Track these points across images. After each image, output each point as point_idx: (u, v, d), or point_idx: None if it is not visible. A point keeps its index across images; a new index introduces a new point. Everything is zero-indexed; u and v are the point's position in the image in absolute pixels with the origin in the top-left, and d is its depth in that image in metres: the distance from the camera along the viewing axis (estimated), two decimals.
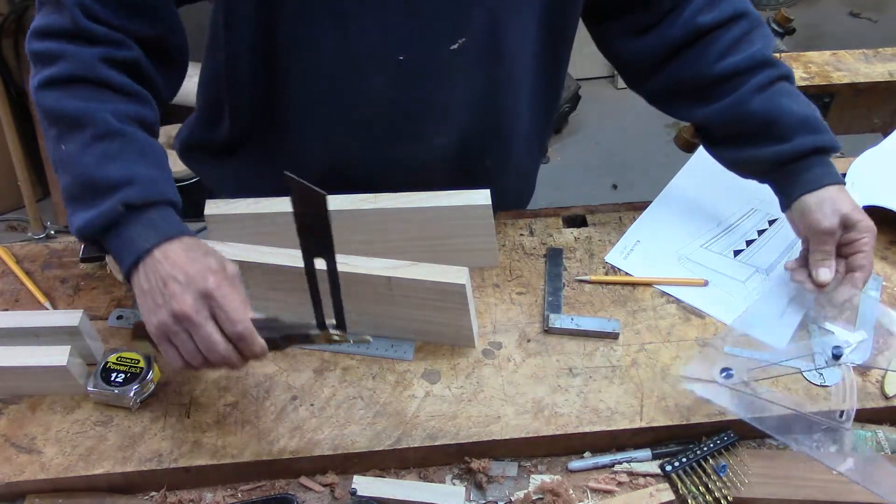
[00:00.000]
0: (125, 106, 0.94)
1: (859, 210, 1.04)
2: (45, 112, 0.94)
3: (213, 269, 0.87)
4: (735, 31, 1.10)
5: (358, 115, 1.10)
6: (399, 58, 1.02)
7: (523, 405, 0.99)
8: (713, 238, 1.19)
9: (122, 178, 0.89)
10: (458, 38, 1.02)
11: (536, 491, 0.94)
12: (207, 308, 0.85)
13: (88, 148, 0.91)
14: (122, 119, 0.93)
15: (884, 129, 1.55)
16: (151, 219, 0.89)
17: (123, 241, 0.89)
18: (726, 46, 1.10)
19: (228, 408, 0.99)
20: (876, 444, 0.98)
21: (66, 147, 0.92)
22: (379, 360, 1.05)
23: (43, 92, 0.94)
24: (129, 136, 0.93)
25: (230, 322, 0.85)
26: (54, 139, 0.93)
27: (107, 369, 0.99)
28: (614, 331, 1.06)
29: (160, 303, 0.86)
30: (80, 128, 0.91)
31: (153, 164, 0.93)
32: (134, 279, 0.89)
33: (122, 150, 0.91)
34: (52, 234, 2.77)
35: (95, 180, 0.90)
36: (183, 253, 0.87)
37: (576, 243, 1.20)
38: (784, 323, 1.08)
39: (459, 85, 1.08)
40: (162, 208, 0.91)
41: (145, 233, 0.88)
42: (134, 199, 0.89)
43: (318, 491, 0.95)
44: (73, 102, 0.92)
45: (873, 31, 3.77)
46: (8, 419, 0.99)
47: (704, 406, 0.99)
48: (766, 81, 1.08)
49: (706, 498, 0.92)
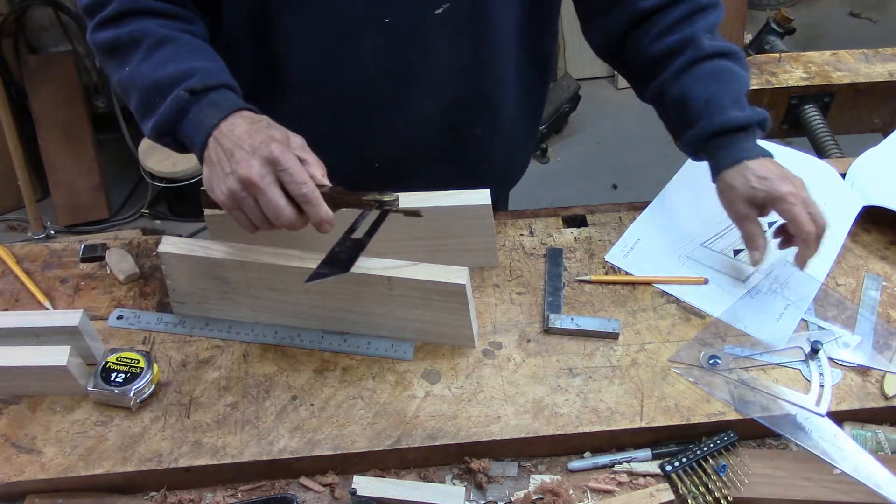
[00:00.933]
0: (173, 23, 1.03)
1: (769, 179, 1.04)
2: (104, 49, 1.03)
3: (276, 139, 0.91)
4: (675, 13, 1.12)
5: (349, 82, 1.12)
6: (385, 20, 1.05)
7: (523, 405, 0.99)
8: (713, 237, 1.19)
9: (182, 73, 0.97)
10: (442, 4, 1.05)
11: (536, 491, 0.94)
12: (272, 174, 0.89)
13: (146, 59, 0.99)
14: (173, 29, 1.02)
15: (884, 129, 1.55)
16: (214, 100, 0.96)
17: (192, 123, 0.96)
18: (664, 28, 1.12)
19: (228, 408, 0.99)
20: (876, 444, 0.98)
21: (128, 67, 1.01)
22: (379, 360, 1.05)
23: (98, 34, 1.03)
24: (180, 39, 1.01)
25: (295, 184, 0.89)
26: (116, 68, 1.02)
27: (107, 369, 0.99)
28: (614, 331, 1.06)
29: (227, 171, 0.90)
30: (135, 46, 1.00)
31: (207, 58, 1.01)
32: (205, 156, 0.95)
33: (176, 52, 1.00)
34: (52, 234, 2.77)
35: (158, 82, 0.97)
36: (248, 125, 0.93)
37: (576, 243, 1.20)
38: (784, 323, 1.08)
39: (445, 52, 1.10)
40: (222, 91, 0.98)
41: (211, 111, 0.95)
42: (195, 85, 0.96)
43: (318, 491, 0.95)
44: (125, 29, 1.01)
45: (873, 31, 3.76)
46: (8, 419, 0.99)
47: (704, 406, 0.99)
48: (685, 65, 1.09)
49: (706, 498, 0.92)
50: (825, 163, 1.26)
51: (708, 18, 1.12)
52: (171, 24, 1.03)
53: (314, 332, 1.07)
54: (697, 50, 1.09)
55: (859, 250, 1.19)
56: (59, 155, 2.81)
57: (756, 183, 1.03)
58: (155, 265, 1.16)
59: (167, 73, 0.97)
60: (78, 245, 1.19)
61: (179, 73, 0.97)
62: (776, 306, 1.10)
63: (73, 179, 2.82)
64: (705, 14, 1.12)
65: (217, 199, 0.93)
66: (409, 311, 1.03)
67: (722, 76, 1.09)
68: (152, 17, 1.02)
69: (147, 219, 2.86)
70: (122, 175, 2.97)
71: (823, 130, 1.49)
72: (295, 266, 0.99)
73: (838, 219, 1.19)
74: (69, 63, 2.83)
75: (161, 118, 0.97)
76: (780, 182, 1.03)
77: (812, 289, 1.11)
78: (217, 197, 0.93)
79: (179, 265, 1.04)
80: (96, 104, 2.95)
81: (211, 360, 1.05)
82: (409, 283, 0.99)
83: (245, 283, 1.04)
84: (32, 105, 2.79)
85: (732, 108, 1.06)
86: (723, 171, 1.07)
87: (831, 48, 1.59)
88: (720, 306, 1.10)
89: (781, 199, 1.03)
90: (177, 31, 1.02)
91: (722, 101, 1.07)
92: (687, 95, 1.09)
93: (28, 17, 2.79)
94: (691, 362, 1.04)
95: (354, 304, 1.02)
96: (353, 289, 1.01)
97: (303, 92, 1.14)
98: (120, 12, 1.01)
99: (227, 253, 1.02)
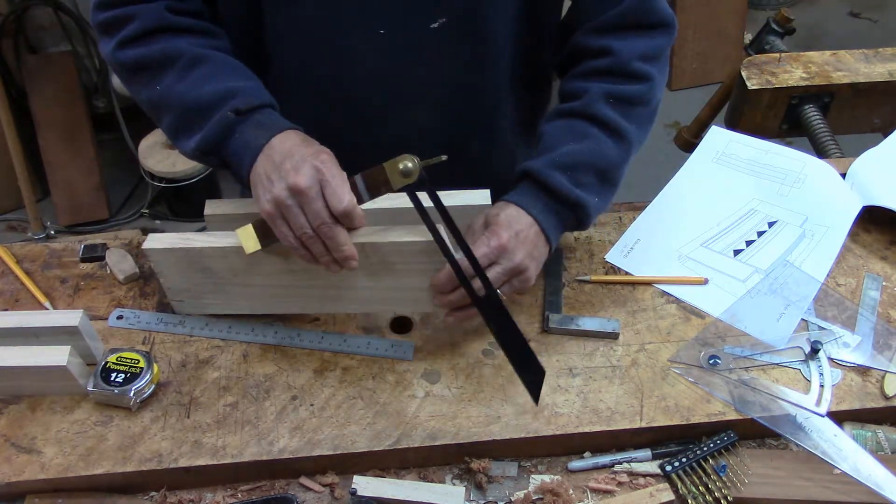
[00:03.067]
0: (202, 40, 1.02)
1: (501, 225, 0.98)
2: (130, 67, 1.01)
3: (325, 151, 0.92)
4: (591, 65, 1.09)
5: (343, 92, 1.12)
6: (380, 31, 1.04)
7: (523, 405, 0.99)
8: (713, 237, 1.19)
9: (224, 92, 0.97)
10: (437, 18, 1.04)
11: (536, 491, 0.94)
12: (318, 185, 0.89)
13: (182, 78, 0.98)
14: (205, 48, 1.01)
15: (884, 129, 1.55)
16: (260, 121, 0.96)
17: (240, 144, 0.95)
18: (576, 73, 1.10)
19: (228, 408, 0.99)
20: (876, 444, 0.98)
21: (160, 86, 1.00)
22: (379, 360, 1.04)
23: (122, 52, 1.01)
24: (215, 58, 1.00)
25: (337, 199, 0.89)
26: (145, 86, 1.01)
27: (107, 369, 0.99)
28: (614, 331, 1.06)
29: (275, 179, 0.90)
30: (169, 64, 0.99)
31: (245, 77, 1.01)
32: (252, 173, 0.94)
33: (214, 71, 0.99)
34: (52, 234, 2.77)
35: (199, 102, 0.97)
36: (298, 139, 0.94)
37: (576, 243, 1.20)
38: (784, 323, 1.08)
39: (441, 65, 1.10)
40: (266, 111, 0.98)
41: (258, 132, 0.95)
42: (241, 106, 0.96)
43: (318, 491, 0.95)
44: (156, 47, 0.99)
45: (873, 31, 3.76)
46: (8, 419, 0.99)
47: (704, 406, 0.99)
48: (564, 112, 1.07)
49: (706, 498, 0.92)
50: (825, 163, 1.26)
51: (619, 86, 1.06)
52: (201, 42, 1.01)
53: (314, 333, 1.07)
54: (586, 107, 1.05)
55: (859, 250, 1.19)
56: (59, 155, 2.81)
57: (491, 217, 1.00)
58: None
59: (207, 93, 0.97)
60: (78, 245, 1.19)
61: (221, 94, 0.96)
62: (776, 306, 1.10)
63: (73, 179, 2.81)
64: (619, 81, 1.07)
65: (262, 209, 0.92)
66: (395, 281, 1.01)
67: (582, 137, 1.05)
68: (181, 34, 1.01)
69: (147, 219, 2.87)
70: (122, 175, 2.97)
71: (823, 130, 1.49)
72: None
73: (838, 219, 1.19)
74: (69, 63, 2.83)
75: (206, 138, 0.96)
76: (503, 232, 0.97)
77: (812, 289, 1.11)
78: (262, 206, 0.92)
79: (167, 261, 1.03)
80: (96, 104, 2.95)
81: (211, 360, 1.05)
82: (385, 247, 0.97)
83: (230, 271, 1.03)
84: (32, 105, 2.78)
85: (554, 168, 1.02)
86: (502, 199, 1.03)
87: (831, 48, 1.59)
88: (720, 306, 1.10)
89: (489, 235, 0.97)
90: (210, 50, 1.01)
91: (553, 152, 1.03)
92: (543, 133, 1.07)
93: (28, 17, 2.79)
94: (691, 362, 1.04)
95: (338, 278, 1.00)
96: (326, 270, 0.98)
97: (296, 100, 1.12)
98: (146, 30, 1.00)
99: (206, 241, 1.01)
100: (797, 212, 1.21)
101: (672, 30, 1.10)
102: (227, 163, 0.99)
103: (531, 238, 0.99)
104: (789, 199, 1.22)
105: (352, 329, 1.08)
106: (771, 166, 1.26)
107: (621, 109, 1.06)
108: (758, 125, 1.54)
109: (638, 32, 1.07)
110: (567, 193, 1.01)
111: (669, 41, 1.10)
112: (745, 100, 1.51)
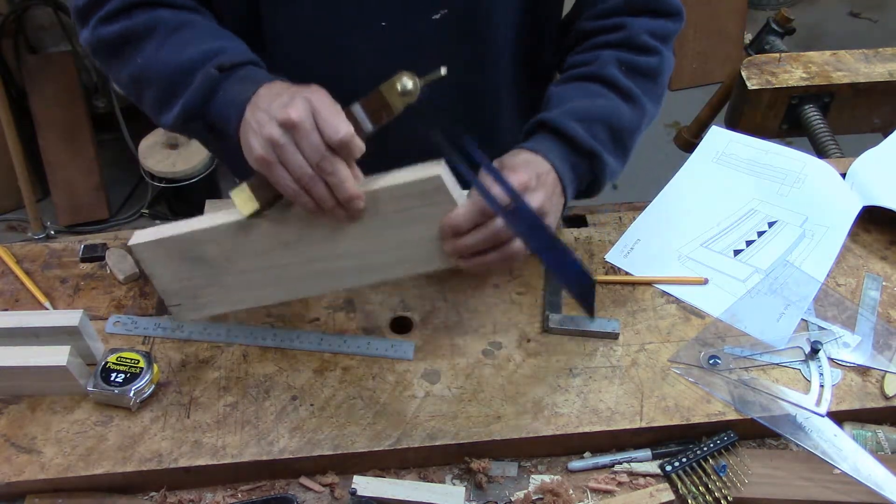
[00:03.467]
0: (185, 12, 0.99)
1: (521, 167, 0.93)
2: (112, 41, 0.98)
3: (314, 89, 0.86)
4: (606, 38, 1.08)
5: (341, 87, 1.09)
6: (381, 24, 1.03)
7: (523, 405, 0.99)
8: (713, 237, 1.19)
9: (206, 52, 0.93)
10: (439, 9, 1.03)
11: (536, 491, 0.94)
12: (312, 117, 0.83)
13: (163, 46, 0.95)
14: (188, 14, 0.97)
15: (884, 129, 1.55)
16: (244, 75, 0.92)
17: (226, 101, 0.91)
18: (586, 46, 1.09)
19: (228, 408, 0.99)
20: (876, 444, 0.98)
21: (142, 58, 0.96)
22: (379, 360, 1.04)
23: (102, 27, 0.98)
24: (197, 23, 0.97)
25: (332, 128, 0.82)
26: (126, 62, 0.98)
27: (107, 369, 0.99)
28: (614, 331, 1.06)
29: (265, 121, 0.84)
30: (149, 34, 0.96)
31: (229, 38, 0.98)
32: (241, 127, 0.89)
33: (195, 35, 0.95)
34: (52, 234, 2.77)
35: (182, 64, 0.93)
36: (286, 86, 0.89)
37: (576, 243, 1.20)
38: (784, 323, 1.08)
39: (442, 58, 1.09)
40: (250, 67, 0.94)
41: (243, 87, 0.90)
42: (224, 62, 0.92)
43: (318, 491, 0.95)
44: (138, 19, 0.96)
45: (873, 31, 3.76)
46: (8, 419, 0.99)
47: (704, 406, 0.99)
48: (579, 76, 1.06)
49: (706, 498, 0.92)
50: (825, 163, 1.26)
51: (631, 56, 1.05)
52: (184, 12, 0.99)
53: (313, 333, 1.07)
54: (598, 70, 1.04)
55: (859, 250, 1.19)
56: (59, 155, 2.80)
57: (507, 161, 0.95)
58: None
59: (190, 56, 0.93)
60: (78, 245, 1.19)
61: (205, 52, 0.93)
62: (776, 306, 1.10)
63: (73, 179, 2.81)
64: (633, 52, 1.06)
65: (255, 158, 0.85)
66: (395, 234, 0.92)
67: (595, 96, 1.03)
68: (161, 7, 0.98)
69: (147, 219, 2.86)
70: (122, 175, 2.97)
71: (823, 130, 1.49)
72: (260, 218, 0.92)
73: (838, 219, 1.19)
74: (69, 63, 2.83)
75: (190, 99, 0.93)
76: (522, 171, 0.92)
77: (812, 289, 1.11)
78: (255, 154, 0.85)
79: (155, 256, 0.97)
80: (96, 104, 2.95)
81: (211, 360, 1.05)
82: (380, 195, 0.89)
83: (224, 257, 0.96)
84: (32, 105, 2.78)
85: (570, 117, 0.99)
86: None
87: (831, 48, 1.59)
88: (720, 306, 1.10)
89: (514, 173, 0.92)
90: (192, 16, 0.98)
91: (565, 105, 1.00)
92: (552, 94, 1.04)
93: (28, 17, 2.79)
94: (691, 362, 1.04)
95: (336, 245, 0.93)
96: (329, 227, 0.92)
97: None
98: (126, 4, 0.97)
99: (194, 225, 0.95)
100: (797, 212, 1.21)
101: (680, 19, 1.10)
102: (213, 125, 0.95)
103: (550, 183, 0.94)
104: (789, 199, 1.22)
105: (352, 329, 1.08)
106: (771, 166, 1.26)
107: (633, 78, 1.04)
108: (758, 125, 1.54)
109: (647, 16, 1.07)
110: (583, 142, 0.98)
111: (677, 28, 1.10)
112: (745, 100, 1.52)
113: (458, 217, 0.88)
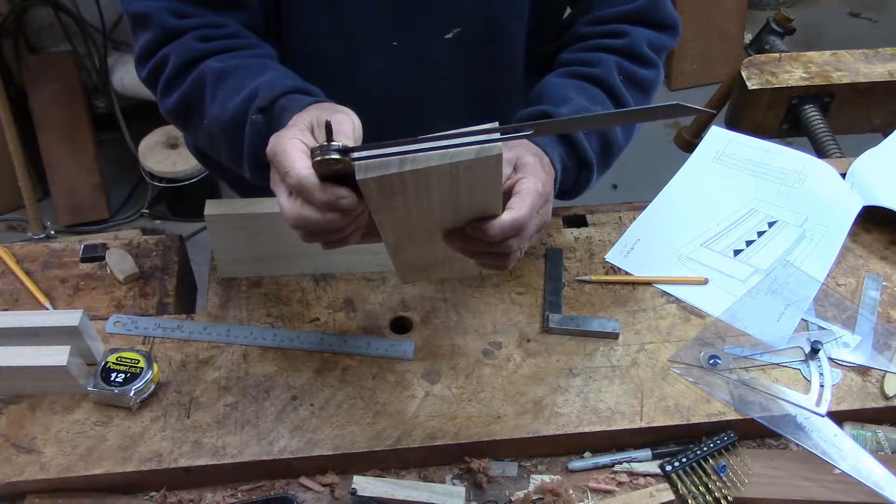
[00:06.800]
0: (228, 55, 0.97)
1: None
2: (177, 111, 0.98)
3: (287, 133, 0.79)
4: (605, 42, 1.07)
5: (355, 106, 1.10)
6: (394, 43, 1.02)
7: (523, 405, 0.99)
8: (713, 237, 1.19)
9: (247, 98, 0.92)
10: (452, 28, 1.02)
11: (536, 491, 0.94)
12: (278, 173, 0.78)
13: (214, 102, 0.94)
14: (228, 59, 0.96)
15: (884, 129, 1.55)
16: (285, 105, 0.91)
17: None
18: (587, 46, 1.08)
19: (228, 408, 0.99)
20: (876, 444, 0.98)
21: (206, 121, 0.96)
22: (379, 360, 1.04)
23: (166, 100, 0.98)
24: (237, 66, 0.96)
25: (288, 177, 0.75)
26: (196, 124, 0.98)
27: (107, 369, 0.99)
28: (614, 331, 1.06)
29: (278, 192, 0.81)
30: (201, 94, 0.96)
31: (266, 70, 0.96)
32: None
33: (238, 80, 0.94)
34: (52, 234, 2.77)
35: (233, 119, 0.92)
36: (304, 117, 0.85)
37: (576, 243, 1.20)
38: (784, 323, 1.08)
39: (457, 76, 1.08)
40: (288, 95, 0.92)
41: (286, 117, 0.88)
42: (262, 103, 0.91)
43: (318, 491, 0.95)
44: (189, 82, 0.96)
45: (873, 31, 3.76)
46: (8, 419, 0.99)
47: (704, 406, 0.99)
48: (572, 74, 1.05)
49: (706, 498, 0.92)
50: (825, 163, 1.26)
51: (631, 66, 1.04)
52: (224, 55, 0.97)
53: (313, 334, 1.07)
54: (602, 76, 1.03)
55: (859, 250, 1.19)
56: (59, 155, 2.81)
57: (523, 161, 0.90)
58: (155, 265, 1.16)
59: (236, 104, 0.92)
60: (78, 245, 1.19)
61: (246, 100, 0.92)
62: (776, 306, 1.10)
63: (73, 179, 2.81)
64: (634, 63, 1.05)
65: None
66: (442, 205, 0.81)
67: (595, 102, 1.01)
68: (209, 56, 0.97)
69: (147, 219, 2.86)
70: (122, 175, 2.97)
71: (823, 130, 1.49)
72: None
73: (838, 219, 1.19)
74: (69, 63, 2.83)
75: (250, 151, 0.92)
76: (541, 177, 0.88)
77: (812, 289, 1.11)
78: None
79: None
80: (96, 104, 2.95)
81: (211, 360, 1.05)
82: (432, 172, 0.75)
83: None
84: (32, 105, 2.78)
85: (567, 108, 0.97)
86: None
87: (831, 48, 1.59)
88: (720, 306, 1.10)
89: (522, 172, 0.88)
90: (232, 59, 0.96)
91: (570, 105, 0.98)
92: (550, 84, 1.03)
93: (28, 17, 2.79)
94: (691, 362, 1.04)
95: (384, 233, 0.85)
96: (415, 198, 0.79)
97: None
98: (178, 68, 0.97)
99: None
100: (797, 212, 1.21)
101: (676, 34, 1.09)
102: None
103: (550, 191, 0.92)
104: (789, 199, 1.22)
105: (352, 329, 1.08)
106: (771, 166, 1.26)
107: (630, 90, 1.03)
108: (758, 125, 1.54)
109: (647, 27, 1.06)
110: (583, 151, 0.97)
111: (672, 43, 1.10)
112: (746, 100, 1.52)
113: (495, 233, 0.81)
